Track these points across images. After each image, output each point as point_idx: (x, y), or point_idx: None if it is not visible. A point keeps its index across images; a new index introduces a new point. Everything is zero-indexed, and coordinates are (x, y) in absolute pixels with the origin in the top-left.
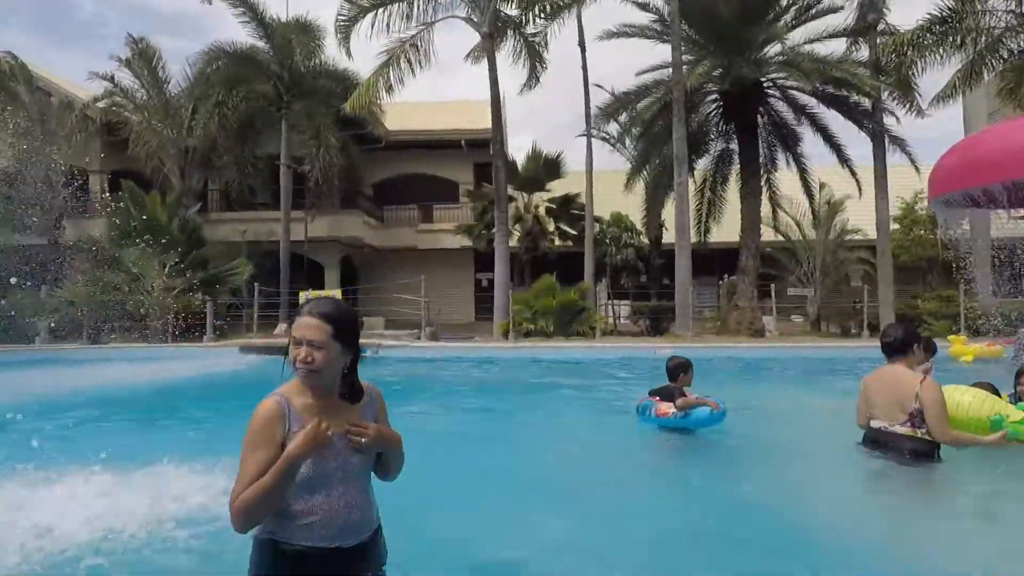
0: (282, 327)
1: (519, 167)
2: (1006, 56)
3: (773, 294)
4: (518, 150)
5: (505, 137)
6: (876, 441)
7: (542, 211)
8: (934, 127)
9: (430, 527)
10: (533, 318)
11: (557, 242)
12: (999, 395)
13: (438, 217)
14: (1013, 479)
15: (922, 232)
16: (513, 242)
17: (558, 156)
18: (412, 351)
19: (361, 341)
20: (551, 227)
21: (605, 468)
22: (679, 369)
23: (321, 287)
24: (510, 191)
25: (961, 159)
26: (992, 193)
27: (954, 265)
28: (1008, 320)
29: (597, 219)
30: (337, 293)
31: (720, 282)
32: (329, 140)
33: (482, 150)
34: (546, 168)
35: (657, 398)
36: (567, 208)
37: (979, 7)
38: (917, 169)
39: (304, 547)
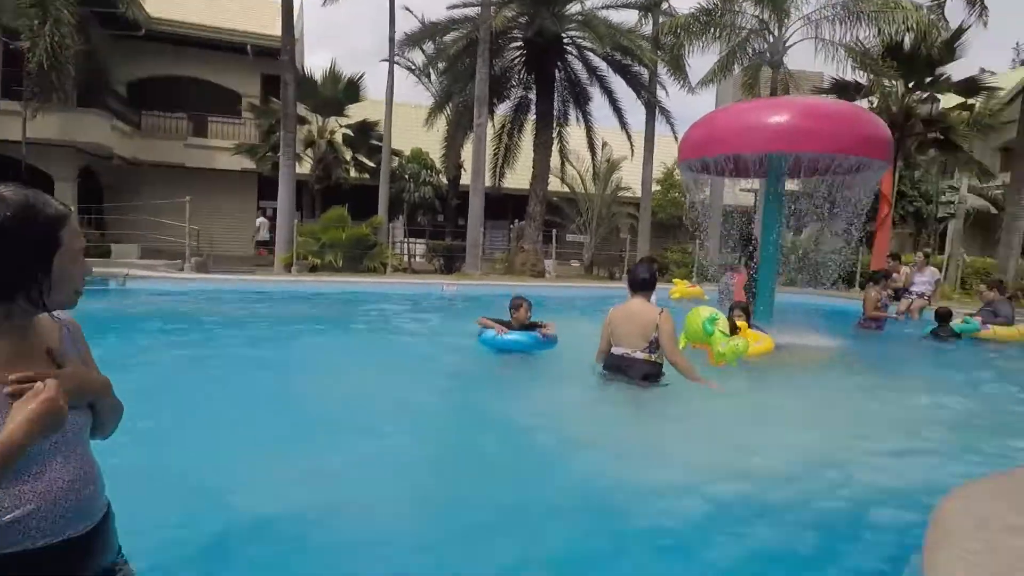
0: None
1: (317, 86)
2: (751, 54)
3: (555, 239)
4: (315, 68)
5: (301, 49)
6: (616, 367)
7: (338, 138)
8: (697, 107)
9: (191, 479)
10: (320, 252)
11: (353, 173)
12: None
13: (214, 132)
14: (721, 396)
15: (676, 195)
16: (304, 169)
17: (359, 79)
18: (171, 283)
19: (105, 271)
20: (348, 156)
21: (381, 400)
22: (514, 304)
23: None
24: (303, 112)
25: (702, 131)
26: (720, 163)
27: (693, 224)
28: (724, 269)
29: (396, 153)
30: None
31: (511, 226)
32: (60, 13)
33: (272, 60)
34: (346, 91)
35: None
36: (365, 137)
37: (736, 7)
38: (677, 140)
39: (11, 554)
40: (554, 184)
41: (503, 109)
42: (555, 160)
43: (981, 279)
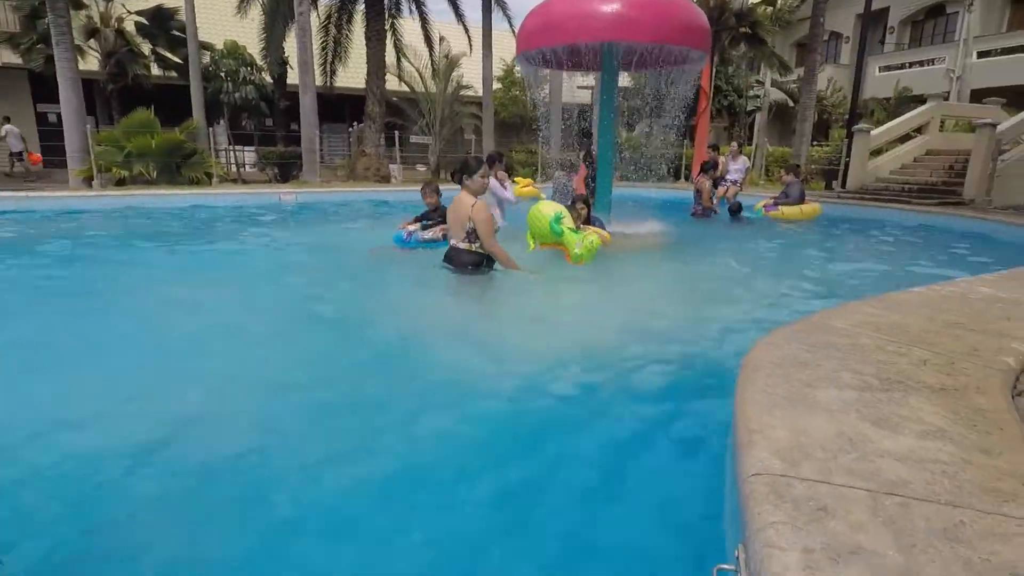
0: None
1: None
2: None
3: (398, 142)
4: None
5: None
6: (450, 257)
7: (130, 27)
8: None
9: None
10: (127, 162)
11: (156, 71)
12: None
13: None
14: (547, 283)
15: (518, 92)
16: (91, 65)
17: None
18: None
19: None
20: (145, 50)
21: (225, 317)
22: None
23: None
24: None
25: (539, 20)
26: (559, 55)
27: (534, 123)
28: (564, 166)
29: (206, 46)
30: None
31: (350, 129)
32: None
33: None
34: None
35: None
36: (164, 27)
37: None
38: (516, 35)
39: None
40: (393, 84)
41: None
42: (391, 57)
43: (780, 166)
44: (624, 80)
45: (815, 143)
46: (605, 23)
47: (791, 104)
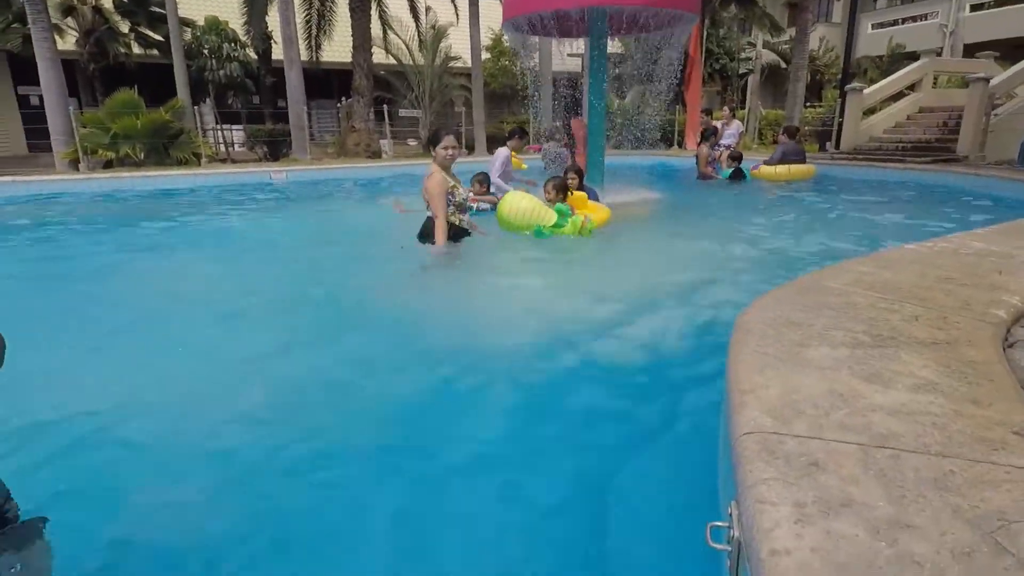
0: None
1: None
2: None
3: (387, 116)
4: None
5: None
6: (423, 227)
7: (108, 4)
8: None
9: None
10: (114, 144)
11: (136, 49)
12: (581, 175)
13: None
14: (531, 256)
15: (506, 62)
16: (70, 45)
17: None
18: None
19: None
20: (125, 28)
21: (226, 294)
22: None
23: None
24: None
25: None
26: (546, 21)
27: (524, 93)
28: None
29: (187, 23)
30: None
31: (338, 105)
32: None
33: None
34: None
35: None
36: (144, 4)
37: None
38: (502, 2)
39: None
40: (380, 57)
41: None
42: (377, 29)
43: (774, 129)
44: (614, 47)
45: (808, 104)
46: None
47: (783, 66)
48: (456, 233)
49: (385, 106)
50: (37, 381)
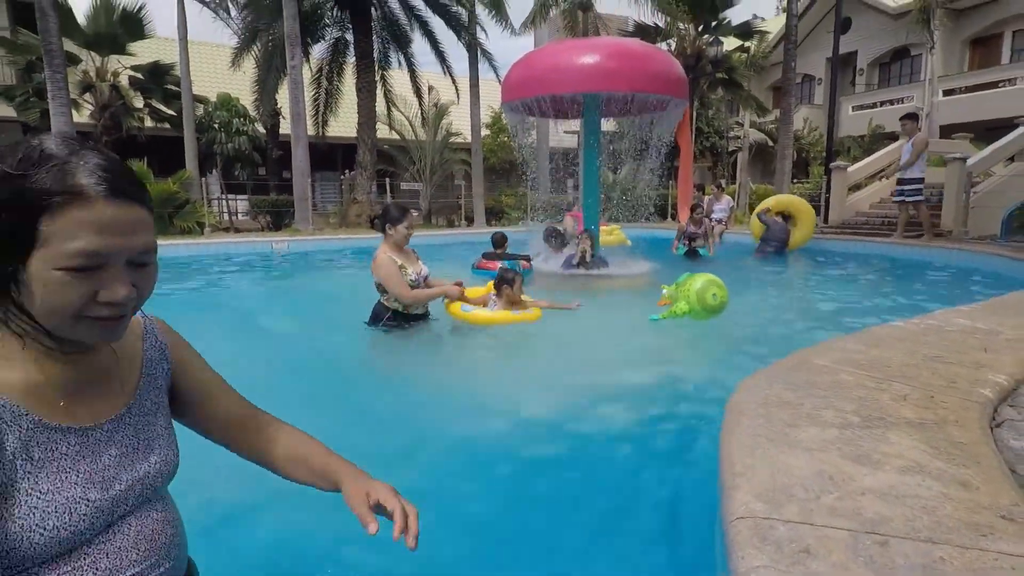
0: None
1: (83, 19)
2: None
3: (389, 189)
4: None
5: None
6: (374, 311)
7: (124, 81)
8: (519, 51)
9: None
10: None
11: (149, 123)
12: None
13: None
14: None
15: (505, 139)
16: (84, 118)
17: (138, 11)
18: None
19: None
20: (139, 103)
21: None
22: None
23: None
24: (73, 49)
25: (522, 72)
26: (542, 103)
27: (522, 167)
28: (556, 211)
29: (200, 99)
30: None
31: (342, 177)
32: None
33: None
34: (125, 26)
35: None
36: (159, 81)
37: None
38: (501, 83)
39: None
40: (383, 132)
41: (319, 51)
42: (381, 106)
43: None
44: (608, 124)
45: (796, 181)
46: (583, 75)
47: (771, 144)
48: (411, 318)
49: (388, 179)
50: None
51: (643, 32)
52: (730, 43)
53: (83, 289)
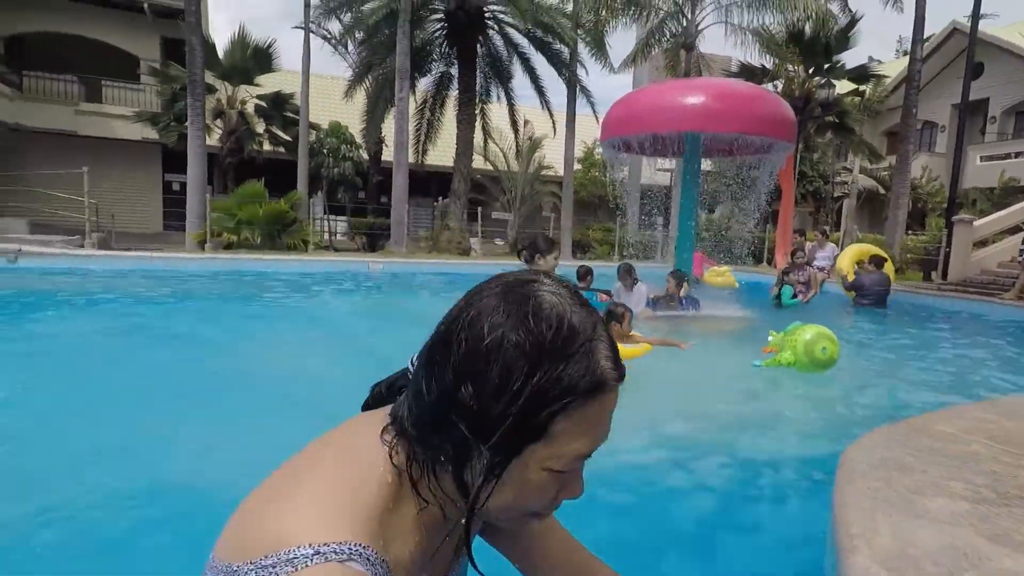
0: None
1: (221, 53)
2: (668, 36)
3: (479, 217)
4: (217, 31)
5: (204, 11)
6: None
7: (250, 108)
8: (616, 88)
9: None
10: (236, 228)
11: (267, 146)
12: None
13: (110, 97)
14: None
15: (596, 173)
16: (213, 141)
17: (269, 46)
18: (70, 260)
19: None
20: (260, 128)
21: (312, 380)
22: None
23: None
24: (210, 79)
25: (623, 110)
26: (641, 142)
27: (614, 203)
28: (644, 247)
29: (314, 126)
30: None
31: (435, 203)
32: None
33: (172, 22)
34: (256, 58)
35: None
36: (280, 109)
37: None
38: (598, 119)
39: None
40: (477, 162)
41: (425, 83)
42: (478, 137)
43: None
44: (705, 163)
45: (910, 232)
46: (686, 115)
47: (882, 191)
48: None
49: (479, 208)
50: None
51: (749, 73)
52: (842, 86)
53: (554, 490)
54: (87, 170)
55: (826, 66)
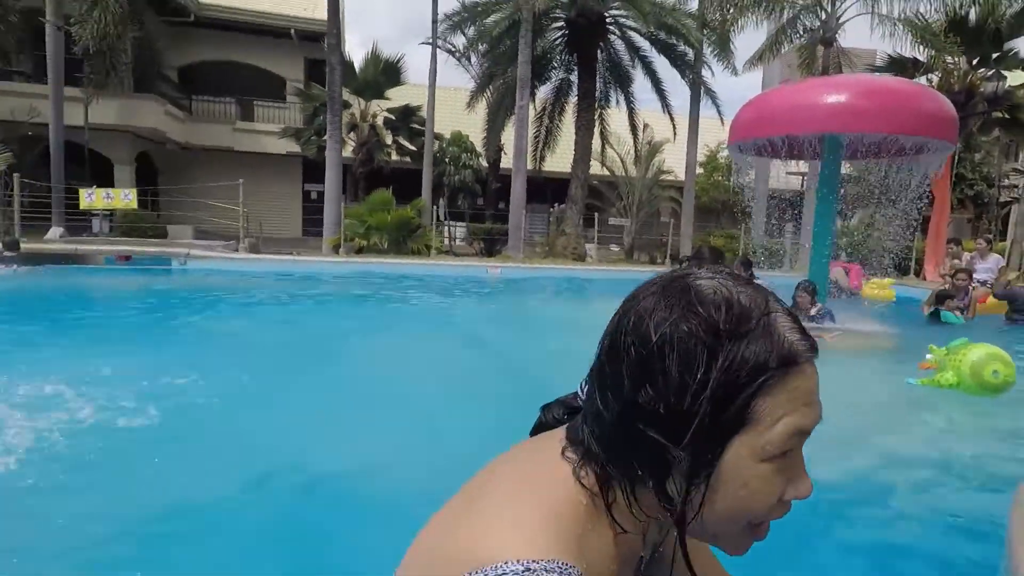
0: (56, 231)
1: (355, 69)
2: (801, 32)
3: (596, 223)
4: (351, 49)
5: (342, 32)
6: None
7: (380, 121)
8: (740, 89)
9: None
10: (366, 234)
11: (394, 156)
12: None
13: (261, 116)
14: None
15: (719, 178)
16: (346, 152)
17: (399, 61)
18: (228, 263)
19: (167, 250)
20: (388, 140)
21: (437, 380)
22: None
23: (110, 185)
24: (345, 95)
25: (755, 112)
26: (775, 144)
27: (739, 208)
28: (771, 255)
29: (437, 136)
30: (132, 194)
31: (551, 209)
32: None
33: (315, 44)
34: (386, 74)
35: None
36: (407, 121)
37: None
38: (722, 122)
39: None
40: (595, 167)
41: (544, 91)
42: (596, 143)
43: None
44: (845, 166)
45: None
46: (824, 114)
47: None
48: None
49: (595, 214)
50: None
51: (899, 66)
52: (1015, 77)
53: (779, 485)
54: (242, 182)
55: (995, 55)
